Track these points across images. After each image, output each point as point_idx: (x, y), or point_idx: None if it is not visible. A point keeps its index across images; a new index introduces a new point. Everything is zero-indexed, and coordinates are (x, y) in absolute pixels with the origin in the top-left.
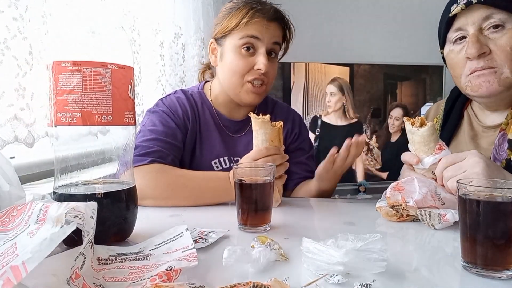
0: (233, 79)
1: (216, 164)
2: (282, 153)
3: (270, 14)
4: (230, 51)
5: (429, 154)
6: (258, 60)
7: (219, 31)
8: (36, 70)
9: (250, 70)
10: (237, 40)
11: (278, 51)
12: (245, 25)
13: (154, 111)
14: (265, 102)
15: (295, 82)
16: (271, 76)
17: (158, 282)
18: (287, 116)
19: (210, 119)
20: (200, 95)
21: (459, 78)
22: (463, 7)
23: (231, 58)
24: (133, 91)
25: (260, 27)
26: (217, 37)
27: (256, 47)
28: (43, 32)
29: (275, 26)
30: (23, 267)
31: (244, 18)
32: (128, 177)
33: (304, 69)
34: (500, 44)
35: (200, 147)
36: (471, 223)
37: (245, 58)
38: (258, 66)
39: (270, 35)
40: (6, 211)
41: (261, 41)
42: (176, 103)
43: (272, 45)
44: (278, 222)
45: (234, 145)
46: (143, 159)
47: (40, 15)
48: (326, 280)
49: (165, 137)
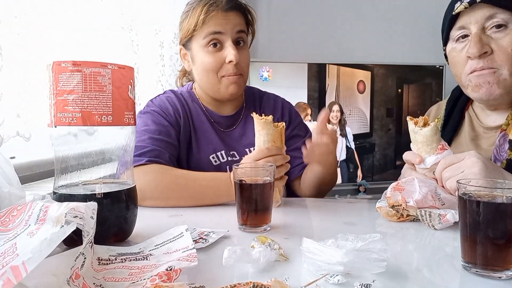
0: (209, 78)
1: (214, 159)
2: (283, 153)
3: (224, 4)
4: (198, 52)
5: (431, 154)
6: (227, 53)
7: (182, 36)
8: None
9: (223, 65)
10: (201, 40)
11: (246, 38)
12: (203, 23)
13: (145, 112)
14: (251, 93)
15: (329, 84)
16: (245, 65)
17: (158, 282)
18: (275, 105)
19: (202, 116)
20: (190, 94)
21: (460, 76)
22: (467, 6)
23: (201, 58)
24: (133, 91)
25: (220, 20)
26: (183, 43)
27: (222, 41)
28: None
29: (234, 14)
30: (23, 267)
31: (200, 16)
32: (128, 177)
33: (336, 71)
34: (502, 45)
35: (196, 144)
36: (471, 223)
37: (215, 55)
38: (229, 58)
39: (231, 25)
40: (6, 211)
41: (224, 34)
42: (166, 101)
43: (237, 34)
44: (278, 222)
45: (228, 139)
46: (139, 159)
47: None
48: (326, 280)
49: (158, 135)
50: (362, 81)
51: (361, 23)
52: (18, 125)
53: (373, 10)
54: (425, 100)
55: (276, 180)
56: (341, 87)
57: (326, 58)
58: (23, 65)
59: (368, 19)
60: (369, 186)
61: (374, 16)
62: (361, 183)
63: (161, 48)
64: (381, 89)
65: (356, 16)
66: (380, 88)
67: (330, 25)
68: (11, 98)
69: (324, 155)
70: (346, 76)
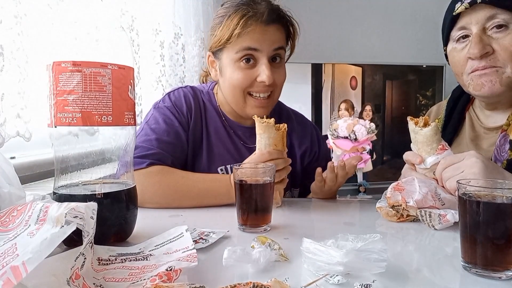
0: (235, 94)
1: (223, 171)
2: (285, 157)
3: (265, 17)
4: (228, 65)
5: (432, 154)
6: (261, 72)
7: (213, 44)
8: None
9: (253, 83)
10: (233, 54)
11: (283, 55)
12: (238, 37)
13: (159, 107)
14: (279, 109)
15: (325, 80)
16: (279, 84)
17: (158, 282)
18: (305, 131)
19: (219, 122)
20: (209, 95)
21: (461, 76)
22: (467, 6)
23: (230, 73)
24: (133, 92)
25: (257, 35)
26: (213, 51)
27: (257, 58)
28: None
29: (274, 29)
30: (23, 267)
31: (235, 30)
32: (128, 177)
33: (332, 69)
34: (503, 44)
35: (207, 152)
36: (471, 223)
37: (246, 71)
38: (261, 78)
39: (269, 42)
40: (6, 212)
41: (260, 52)
42: (182, 98)
43: (274, 52)
44: (278, 223)
45: (246, 156)
46: (142, 161)
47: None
48: (326, 280)
49: (166, 137)
50: (355, 77)
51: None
52: (19, 125)
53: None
54: (409, 97)
55: (277, 183)
56: (336, 83)
57: (326, 58)
58: (24, 65)
59: (366, 18)
60: (369, 186)
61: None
62: (361, 183)
63: (161, 48)
64: (369, 85)
65: (356, 16)
66: (369, 84)
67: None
68: (12, 98)
69: (332, 188)
70: (340, 72)
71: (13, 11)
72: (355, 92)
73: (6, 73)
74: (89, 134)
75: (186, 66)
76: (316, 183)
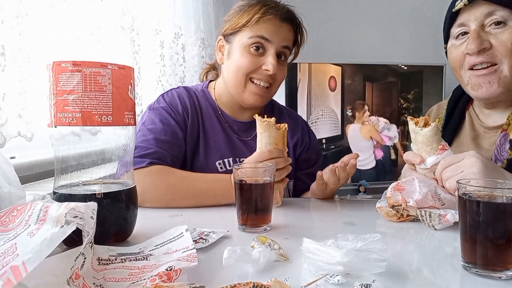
0: (238, 76)
1: (221, 165)
2: (285, 156)
3: (283, 13)
4: (238, 49)
5: (432, 154)
6: (267, 60)
7: (229, 27)
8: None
9: (257, 70)
10: (246, 39)
11: (288, 55)
12: (256, 23)
13: (154, 108)
14: (271, 105)
15: (301, 79)
16: (278, 79)
17: (158, 282)
18: (296, 124)
19: (215, 118)
20: (204, 93)
21: (459, 72)
22: (466, 3)
23: (238, 56)
24: (133, 91)
25: (272, 27)
26: (226, 34)
27: (266, 48)
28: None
29: (287, 27)
30: (23, 267)
31: (256, 14)
32: (128, 177)
33: (308, 68)
34: (501, 39)
35: (204, 147)
36: (471, 223)
37: (253, 57)
38: (267, 66)
39: (281, 38)
40: (6, 211)
41: (271, 43)
42: (176, 98)
43: (281, 48)
44: (278, 222)
45: (241, 148)
46: (142, 161)
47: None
48: (326, 280)
49: (164, 136)
50: (333, 77)
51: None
52: (20, 125)
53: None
54: (391, 98)
55: (277, 183)
56: (312, 83)
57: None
58: (25, 65)
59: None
60: (369, 186)
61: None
62: (361, 183)
63: (161, 48)
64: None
65: (354, 16)
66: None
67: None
68: (13, 98)
69: (333, 190)
70: (317, 72)
71: (15, 11)
72: (334, 94)
73: (8, 73)
74: (89, 134)
75: (186, 66)
76: (317, 186)
